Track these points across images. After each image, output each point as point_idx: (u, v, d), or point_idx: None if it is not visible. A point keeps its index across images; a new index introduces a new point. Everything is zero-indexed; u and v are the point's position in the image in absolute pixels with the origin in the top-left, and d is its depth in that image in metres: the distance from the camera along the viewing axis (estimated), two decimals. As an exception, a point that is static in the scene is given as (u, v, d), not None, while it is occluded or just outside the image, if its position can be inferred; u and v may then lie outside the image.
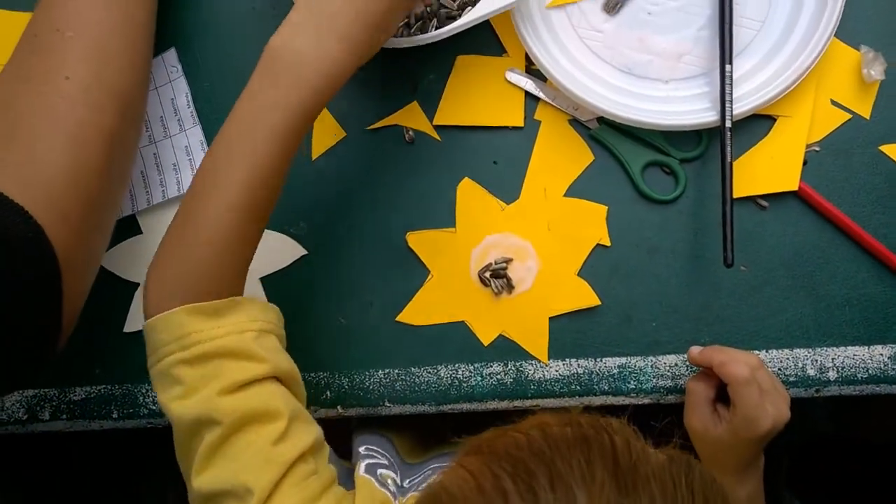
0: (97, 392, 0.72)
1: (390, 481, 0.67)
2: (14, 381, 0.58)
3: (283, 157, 0.56)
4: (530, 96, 0.72)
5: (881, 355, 0.68)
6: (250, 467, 0.53)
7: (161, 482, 0.90)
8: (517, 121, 0.72)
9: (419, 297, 0.71)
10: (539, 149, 0.71)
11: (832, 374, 0.68)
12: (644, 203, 0.71)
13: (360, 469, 0.67)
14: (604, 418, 0.43)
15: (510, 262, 0.70)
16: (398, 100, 0.73)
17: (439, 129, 0.72)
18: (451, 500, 0.39)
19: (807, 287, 0.69)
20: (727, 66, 0.68)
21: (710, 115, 0.69)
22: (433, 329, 0.71)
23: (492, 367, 0.70)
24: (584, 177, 0.71)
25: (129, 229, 0.73)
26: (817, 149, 0.71)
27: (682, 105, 0.70)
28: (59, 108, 0.57)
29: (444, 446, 0.77)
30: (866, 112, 0.71)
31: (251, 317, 0.57)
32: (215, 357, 0.54)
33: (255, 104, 0.56)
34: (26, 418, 0.72)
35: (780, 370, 0.69)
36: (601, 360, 0.69)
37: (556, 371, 0.70)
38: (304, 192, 0.73)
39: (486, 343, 0.70)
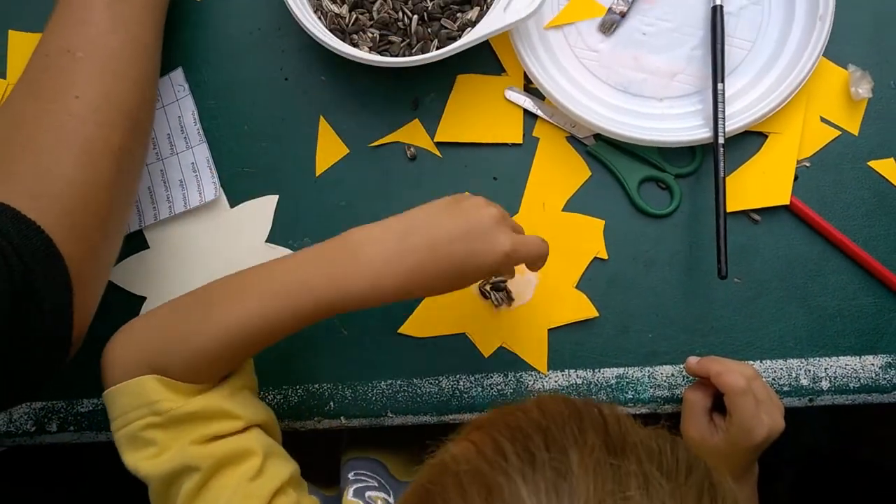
0: (104, 404, 0.73)
1: (381, 502, 0.67)
2: (23, 392, 0.58)
3: (305, 317, 0.57)
4: (529, 114, 0.74)
5: (872, 365, 0.70)
6: None
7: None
8: (516, 138, 0.73)
9: (420, 309, 0.72)
10: (538, 165, 0.73)
11: (825, 384, 0.70)
12: (640, 217, 0.72)
13: (348, 494, 0.68)
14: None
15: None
16: (400, 117, 0.74)
17: (440, 145, 0.74)
18: (455, 464, 0.41)
19: (799, 298, 0.71)
20: (719, 85, 0.70)
21: (704, 132, 0.70)
22: (434, 341, 0.71)
23: (492, 377, 0.71)
24: (581, 192, 0.73)
25: (136, 244, 0.74)
26: (808, 164, 0.72)
27: (677, 122, 0.72)
28: (69, 125, 0.59)
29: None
30: (855, 129, 0.73)
31: (225, 381, 0.59)
32: (189, 420, 0.55)
33: (312, 267, 0.57)
34: (34, 430, 0.73)
35: (774, 380, 0.70)
36: (599, 371, 0.71)
37: (556, 382, 0.71)
38: (308, 207, 0.74)
39: (486, 354, 0.71)
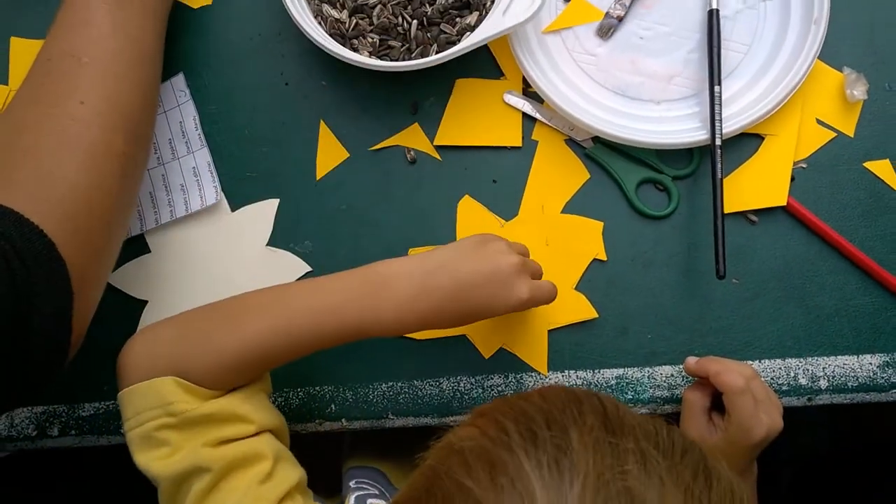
0: (105, 408, 0.73)
1: None
2: (22, 396, 0.58)
3: (328, 340, 0.59)
4: (528, 117, 0.74)
5: (870, 364, 0.70)
6: None
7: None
8: (515, 141, 0.74)
9: (421, 311, 0.72)
10: (537, 167, 0.74)
11: (823, 383, 0.70)
12: (639, 219, 0.73)
13: (349, 501, 0.68)
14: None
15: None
16: (400, 121, 0.75)
17: (440, 149, 0.75)
18: (460, 443, 0.42)
19: (797, 298, 0.71)
20: (716, 88, 0.71)
21: (701, 134, 0.71)
22: (435, 343, 0.72)
23: (493, 379, 0.71)
24: (580, 194, 0.73)
25: (137, 248, 0.75)
26: (804, 166, 0.73)
27: (674, 125, 0.73)
28: (73, 129, 0.59)
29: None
30: (850, 130, 0.73)
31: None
32: (203, 422, 0.56)
33: (340, 294, 0.59)
34: (36, 434, 0.73)
35: (772, 380, 0.70)
36: (599, 372, 0.71)
37: (556, 382, 0.71)
38: (309, 211, 0.74)
39: (486, 356, 0.71)
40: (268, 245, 0.74)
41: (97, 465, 0.83)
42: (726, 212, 0.69)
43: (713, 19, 0.72)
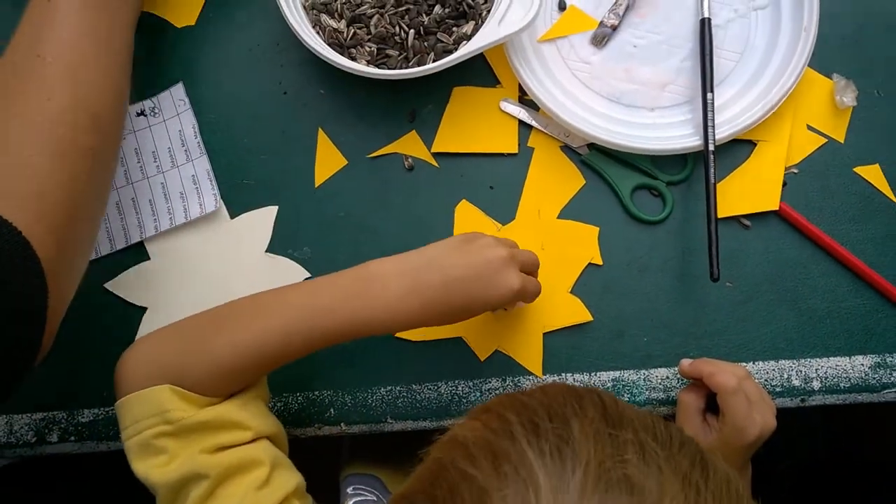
0: (105, 414, 0.73)
1: None
2: None
3: (323, 340, 0.59)
4: (523, 124, 0.75)
5: (862, 365, 0.71)
6: None
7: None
8: (511, 148, 0.75)
9: (419, 315, 0.72)
10: (533, 174, 0.74)
11: (816, 384, 0.71)
12: (634, 224, 0.74)
13: None
14: None
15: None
16: (398, 129, 0.76)
17: (437, 156, 0.75)
18: (463, 436, 0.43)
19: (790, 301, 0.72)
20: (709, 95, 0.72)
21: (694, 141, 0.72)
22: (433, 347, 0.72)
23: (490, 382, 0.72)
24: (576, 200, 0.74)
25: (137, 255, 0.75)
26: (796, 171, 0.74)
27: (668, 131, 0.74)
28: (42, 126, 0.58)
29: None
30: (840, 136, 0.74)
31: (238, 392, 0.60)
32: (200, 429, 0.56)
33: (332, 294, 0.59)
34: (35, 441, 0.73)
35: (766, 381, 0.71)
36: (595, 375, 0.72)
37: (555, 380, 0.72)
38: (308, 218, 0.75)
39: (482, 358, 0.72)
40: (267, 252, 0.75)
41: (98, 467, 0.83)
42: (720, 216, 0.70)
43: (705, 28, 0.74)
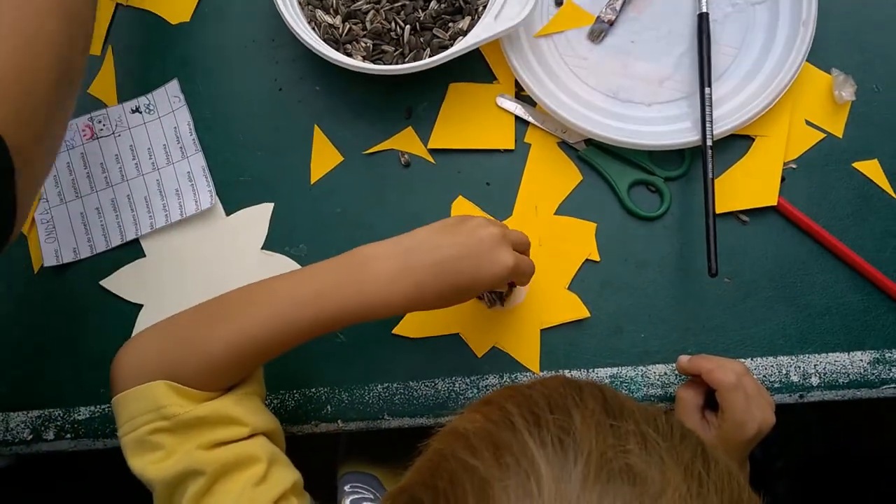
0: (101, 411, 0.73)
1: None
2: None
3: (316, 327, 0.58)
4: (520, 120, 0.75)
5: (861, 361, 0.71)
6: None
7: None
8: (508, 144, 0.75)
9: (415, 311, 0.72)
10: (530, 170, 0.74)
11: (814, 380, 0.71)
12: (631, 220, 0.73)
13: None
14: None
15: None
16: (394, 125, 0.76)
17: (434, 152, 0.75)
18: (464, 427, 0.43)
19: (788, 297, 0.72)
20: (706, 90, 0.71)
21: (692, 136, 0.72)
22: (430, 344, 0.72)
23: (487, 379, 0.71)
24: (573, 196, 0.74)
25: (132, 252, 0.75)
26: (794, 166, 0.74)
27: (665, 126, 0.73)
28: (3, 9, 0.57)
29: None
30: (839, 131, 0.74)
31: (234, 387, 0.60)
32: (196, 425, 0.56)
33: (323, 280, 0.59)
34: (31, 438, 0.73)
35: (764, 377, 0.71)
36: (593, 371, 0.71)
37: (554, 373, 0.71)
38: (304, 214, 0.75)
39: (479, 354, 0.72)
40: (263, 249, 0.75)
41: (97, 466, 0.83)
42: (718, 212, 0.69)
43: (703, 23, 0.73)
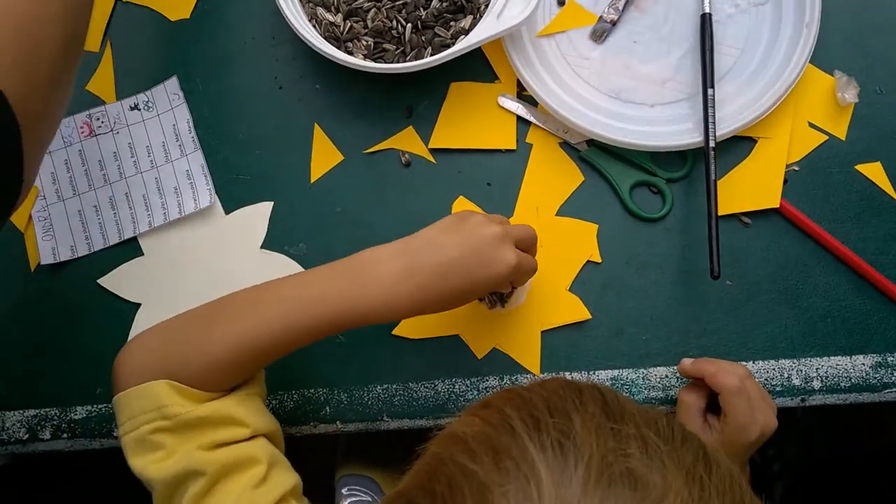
0: (98, 411, 0.73)
1: None
2: None
3: (320, 330, 0.58)
4: (522, 120, 0.75)
5: (863, 364, 0.70)
6: None
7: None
8: (510, 144, 0.74)
9: (415, 312, 0.72)
10: (531, 170, 0.74)
11: (816, 384, 0.70)
12: (633, 221, 0.73)
13: None
14: None
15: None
16: (394, 125, 0.75)
17: (435, 152, 0.75)
18: (462, 431, 0.42)
19: (790, 300, 0.71)
20: (709, 91, 0.71)
21: (695, 137, 0.71)
22: (429, 344, 0.72)
23: (487, 380, 0.71)
24: (574, 197, 0.73)
25: (131, 251, 0.75)
26: (797, 168, 0.73)
27: (668, 127, 0.73)
28: None
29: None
30: (842, 133, 0.74)
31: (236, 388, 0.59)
32: (197, 425, 0.56)
33: (328, 283, 0.58)
34: (27, 438, 0.73)
35: (766, 380, 0.70)
36: (594, 373, 0.71)
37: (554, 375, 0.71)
38: (303, 214, 0.74)
39: (479, 356, 0.71)
40: (262, 248, 0.74)
41: (96, 466, 0.82)
42: (720, 214, 0.69)
43: (706, 23, 0.73)
